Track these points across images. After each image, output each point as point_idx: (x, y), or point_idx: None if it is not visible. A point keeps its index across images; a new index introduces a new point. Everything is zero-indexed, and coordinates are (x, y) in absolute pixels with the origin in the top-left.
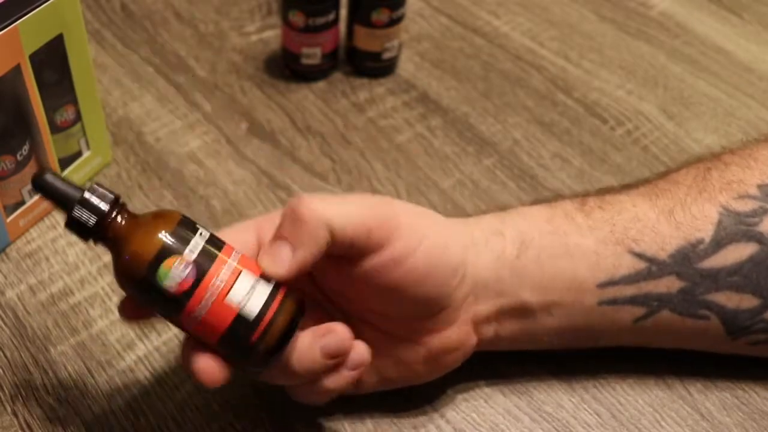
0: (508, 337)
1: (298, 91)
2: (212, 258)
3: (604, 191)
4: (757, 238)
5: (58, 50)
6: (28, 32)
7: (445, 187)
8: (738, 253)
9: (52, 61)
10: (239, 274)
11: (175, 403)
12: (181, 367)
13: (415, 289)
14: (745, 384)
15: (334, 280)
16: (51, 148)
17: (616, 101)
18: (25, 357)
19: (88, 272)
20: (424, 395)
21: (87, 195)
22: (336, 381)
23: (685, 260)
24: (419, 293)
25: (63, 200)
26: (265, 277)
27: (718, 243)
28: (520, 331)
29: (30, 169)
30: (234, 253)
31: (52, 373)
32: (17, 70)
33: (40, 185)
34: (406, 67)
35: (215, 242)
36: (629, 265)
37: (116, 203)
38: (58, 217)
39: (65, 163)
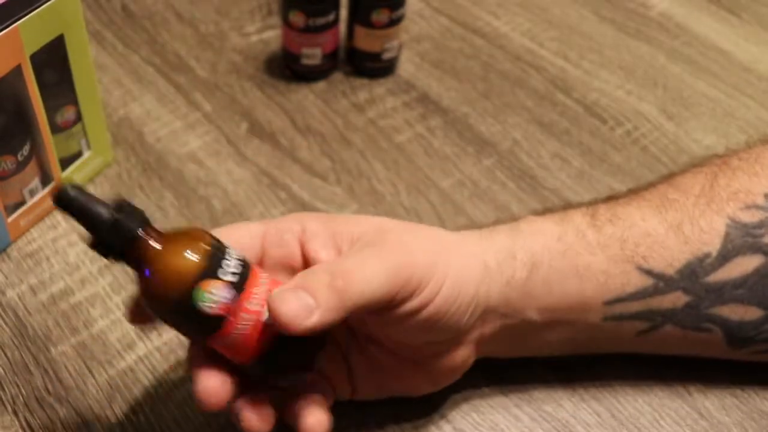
0: (506, 349)
1: (299, 91)
2: (246, 280)
3: (612, 200)
4: (764, 250)
5: (59, 51)
6: (29, 33)
7: (445, 187)
8: (744, 266)
9: (53, 61)
10: (272, 291)
11: (175, 403)
12: (182, 368)
13: (435, 326)
14: (744, 383)
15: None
16: (52, 148)
17: (616, 101)
18: (26, 357)
19: (88, 272)
20: (424, 395)
21: (116, 215)
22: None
23: (692, 275)
24: (437, 328)
25: (89, 220)
26: None
27: (725, 256)
28: (520, 344)
29: (31, 170)
30: (261, 273)
31: (52, 373)
32: (18, 70)
33: (63, 201)
34: (406, 67)
35: (245, 263)
36: (637, 282)
37: (146, 223)
38: (59, 217)
39: (66, 163)
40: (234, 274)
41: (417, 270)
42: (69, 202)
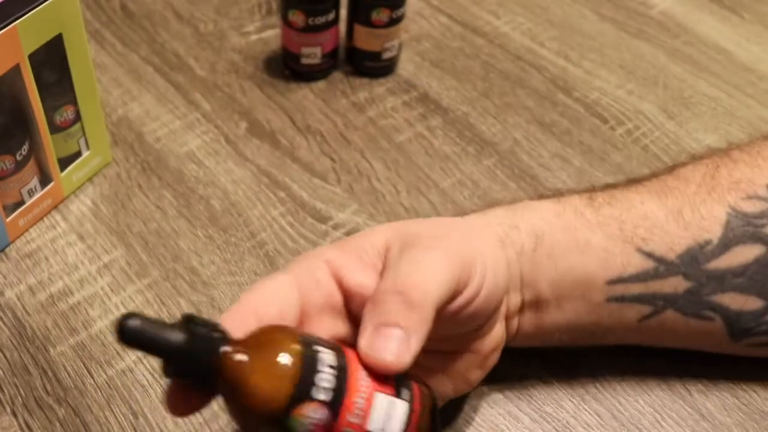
0: (524, 333)
1: (298, 90)
2: (344, 391)
3: (611, 187)
4: (764, 240)
5: (58, 50)
6: (28, 32)
7: (445, 187)
8: (744, 255)
9: (52, 60)
10: (373, 395)
11: None
12: None
13: (482, 314)
14: (746, 384)
15: None
16: (50, 148)
17: (617, 101)
18: (25, 357)
19: (87, 272)
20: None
21: (192, 339)
22: None
23: (693, 261)
24: (484, 315)
25: (161, 349)
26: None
27: (726, 244)
28: (535, 326)
29: (29, 169)
30: (359, 372)
31: (51, 374)
32: (16, 70)
33: (128, 336)
34: (406, 67)
35: (341, 367)
36: (638, 263)
37: (223, 338)
38: (58, 217)
39: (65, 162)
40: (328, 390)
41: (464, 254)
42: (135, 336)
